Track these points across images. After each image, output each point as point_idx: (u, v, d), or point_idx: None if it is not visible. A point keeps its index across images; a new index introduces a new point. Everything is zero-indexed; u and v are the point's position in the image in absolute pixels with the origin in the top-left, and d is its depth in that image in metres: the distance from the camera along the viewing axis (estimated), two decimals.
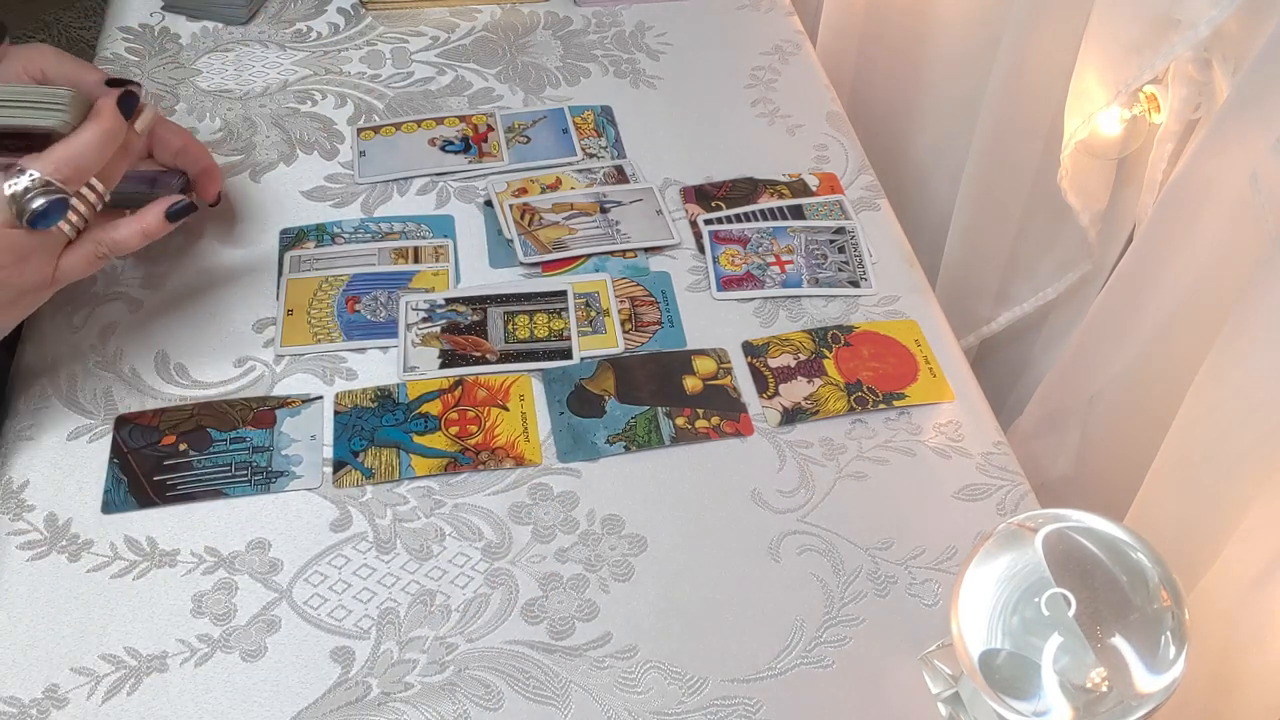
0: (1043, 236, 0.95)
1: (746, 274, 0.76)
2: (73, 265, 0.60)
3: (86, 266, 0.60)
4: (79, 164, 0.57)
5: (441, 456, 0.65)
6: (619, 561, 0.62)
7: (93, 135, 0.57)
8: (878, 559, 0.63)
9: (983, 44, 0.94)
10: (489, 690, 0.57)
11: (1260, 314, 0.58)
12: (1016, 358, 1.05)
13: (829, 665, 0.59)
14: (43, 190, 0.55)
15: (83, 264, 0.60)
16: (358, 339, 0.70)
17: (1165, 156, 0.76)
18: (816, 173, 0.83)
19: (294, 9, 0.93)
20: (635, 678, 0.58)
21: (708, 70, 0.91)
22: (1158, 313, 0.76)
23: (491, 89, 0.88)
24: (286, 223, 0.77)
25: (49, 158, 0.56)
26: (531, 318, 0.72)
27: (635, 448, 0.66)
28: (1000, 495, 0.66)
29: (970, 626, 0.50)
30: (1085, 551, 0.50)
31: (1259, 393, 0.59)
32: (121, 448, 0.64)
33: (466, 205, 0.79)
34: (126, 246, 0.61)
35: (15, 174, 0.55)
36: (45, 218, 0.56)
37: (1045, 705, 0.48)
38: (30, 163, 0.56)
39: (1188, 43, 0.68)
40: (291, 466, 0.64)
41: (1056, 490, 0.92)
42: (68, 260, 0.59)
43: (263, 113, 0.84)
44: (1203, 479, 0.64)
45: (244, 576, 0.60)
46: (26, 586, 0.59)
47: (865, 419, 0.69)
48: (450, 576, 0.61)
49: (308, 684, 0.56)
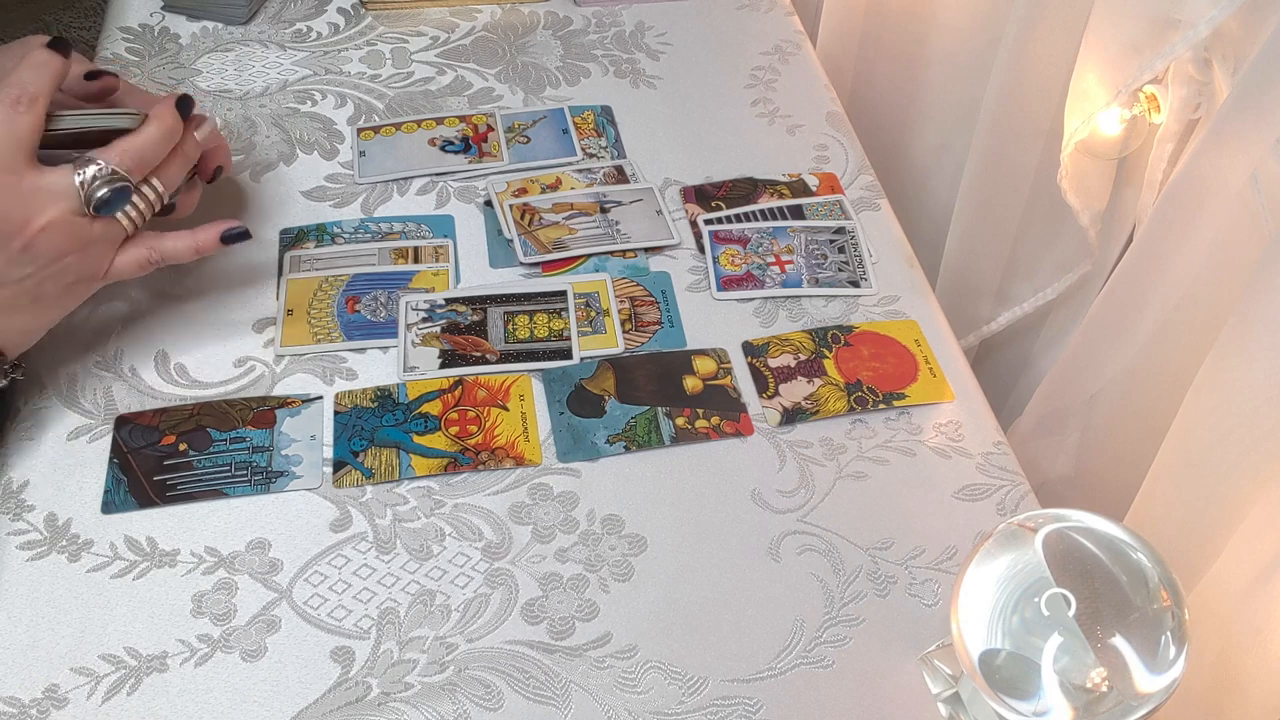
0: (1043, 236, 0.95)
1: (746, 274, 0.76)
2: (125, 263, 0.63)
3: (137, 268, 0.63)
4: (141, 156, 0.60)
5: (441, 456, 0.65)
6: (619, 561, 0.62)
7: (154, 130, 0.61)
8: (878, 559, 0.63)
9: (983, 44, 0.94)
10: (489, 690, 0.57)
11: (1260, 314, 0.58)
12: (1016, 358, 1.05)
13: (829, 665, 0.59)
14: (109, 179, 0.59)
15: (134, 264, 0.63)
16: (358, 339, 0.70)
17: (1165, 156, 0.76)
18: (816, 173, 0.83)
19: (294, 9, 0.93)
20: (635, 678, 0.58)
21: (708, 70, 0.91)
22: (1158, 313, 0.76)
23: (491, 89, 0.88)
24: (286, 223, 0.77)
25: (114, 149, 0.60)
26: (531, 318, 0.72)
27: (635, 448, 0.66)
28: (1000, 495, 0.66)
29: (970, 626, 0.50)
30: (1085, 551, 0.50)
31: (1259, 393, 0.59)
32: (121, 448, 0.64)
33: (466, 205, 0.79)
34: (177, 256, 0.65)
35: (84, 164, 0.59)
36: (109, 204, 0.59)
37: (1045, 705, 0.48)
38: (98, 154, 0.59)
39: (1188, 43, 0.68)
40: (291, 466, 0.64)
41: (1056, 490, 0.92)
42: (121, 257, 0.63)
43: (263, 113, 0.84)
44: (1203, 479, 0.64)
45: (244, 576, 0.60)
46: (26, 586, 0.59)
47: (865, 419, 0.69)
48: (450, 576, 0.61)
49: (308, 684, 0.56)
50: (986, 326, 1.03)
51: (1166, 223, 0.71)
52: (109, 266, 0.62)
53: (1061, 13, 0.79)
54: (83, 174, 0.59)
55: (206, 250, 0.65)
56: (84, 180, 0.58)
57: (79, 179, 0.58)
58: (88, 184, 0.59)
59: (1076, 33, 0.77)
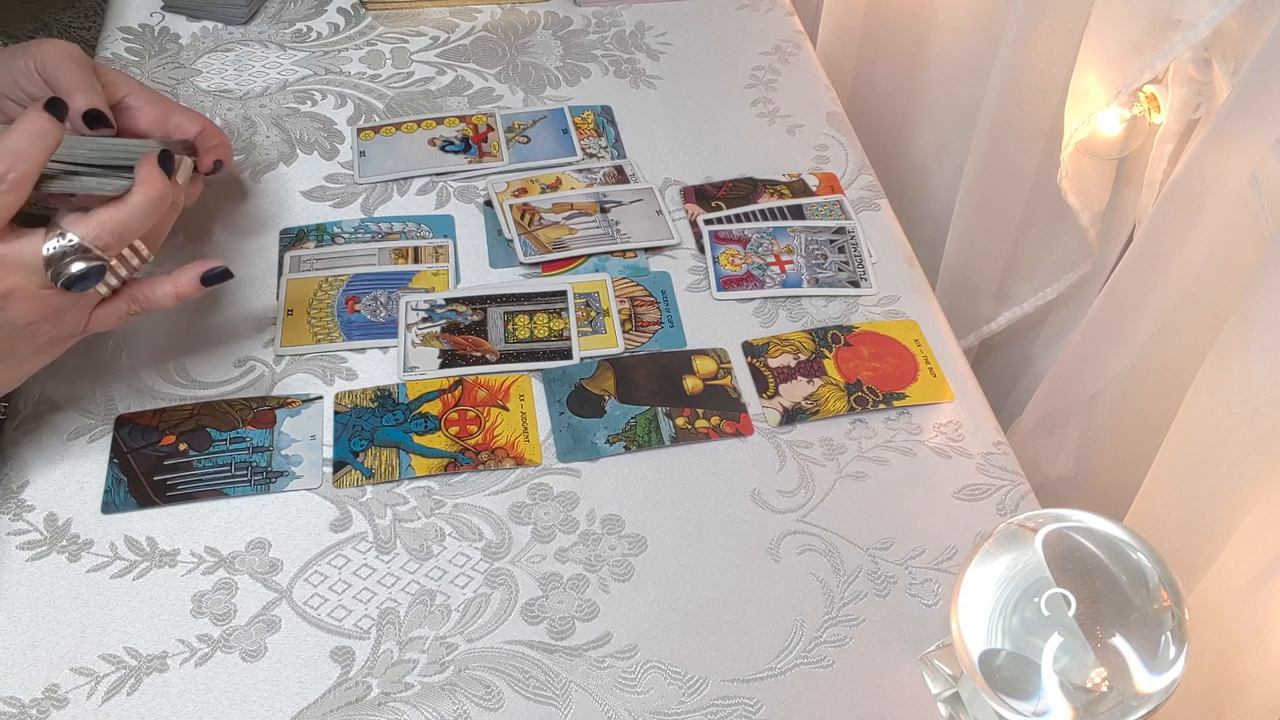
0: (1043, 236, 0.95)
1: (746, 274, 0.76)
2: (104, 318, 0.60)
3: (117, 321, 0.60)
4: (122, 231, 0.56)
5: (441, 456, 0.65)
6: (619, 561, 0.62)
7: (139, 201, 0.56)
8: (878, 559, 0.63)
9: (983, 44, 0.94)
10: (489, 690, 0.57)
11: (1260, 314, 0.58)
12: (1016, 358, 1.05)
13: (829, 665, 0.59)
14: (81, 256, 0.55)
15: (113, 318, 0.60)
16: (358, 339, 0.70)
17: (1165, 156, 0.76)
18: (816, 173, 0.83)
19: (294, 9, 0.93)
20: (635, 678, 0.58)
21: (708, 70, 0.91)
22: (1158, 313, 0.76)
23: (491, 89, 0.88)
24: (286, 223, 0.77)
25: (91, 221, 0.55)
26: (531, 318, 0.72)
27: (635, 448, 0.66)
28: (1000, 495, 0.66)
29: (970, 626, 0.50)
30: (1085, 551, 0.50)
31: (1259, 393, 0.59)
32: (121, 448, 0.64)
33: (466, 205, 0.79)
34: (158, 305, 0.61)
35: (55, 234, 0.54)
36: (83, 281, 0.55)
37: (1045, 705, 0.48)
38: (72, 225, 0.55)
39: (1188, 43, 0.68)
40: (291, 466, 0.64)
41: (1056, 490, 0.92)
42: (100, 314, 0.59)
43: (263, 113, 0.84)
44: (1203, 479, 0.64)
45: (244, 576, 0.60)
46: (26, 586, 0.59)
47: (865, 419, 0.69)
48: (450, 576, 0.61)
49: (308, 684, 0.56)
50: (986, 326, 1.03)
51: (1166, 223, 0.71)
52: (86, 324, 0.59)
53: (1061, 13, 0.80)
54: (52, 247, 0.54)
55: (187, 295, 0.61)
56: (52, 254, 0.54)
57: (47, 251, 0.54)
58: (55, 260, 0.54)
59: (1076, 33, 0.77)
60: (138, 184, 0.57)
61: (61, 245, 0.54)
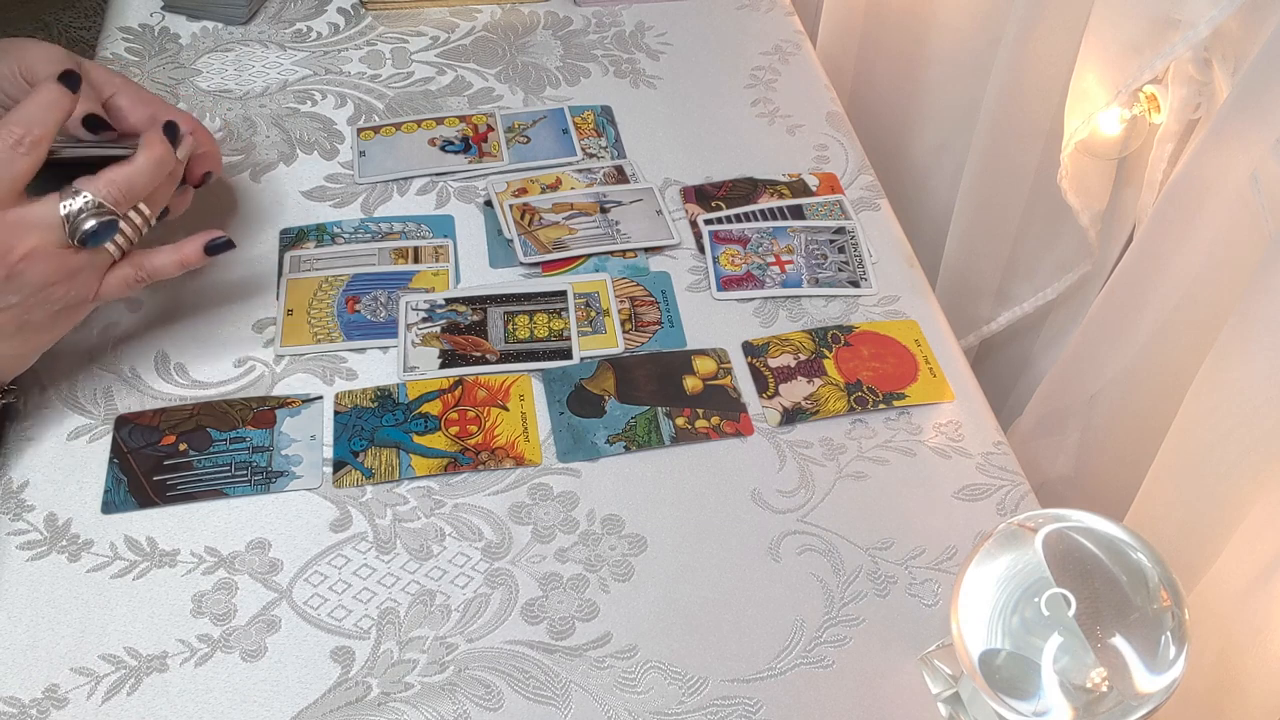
0: (1043, 236, 0.95)
1: (746, 274, 0.76)
2: (114, 285, 0.62)
3: (125, 288, 0.62)
4: (129, 187, 0.59)
5: (441, 456, 0.65)
6: (619, 561, 0.62)
7: (144, 161, 0.60)
8: (878, 559, 0.63)
9: (983, 44, 0.94)
10: (489, 690, 0.57)
11: (1260, 314, 0.58)
12: (1016, 358, 1.05)
13: (829, 665, 0.59)
14: (95, 212, 0.58)
15: (122, 285, 0.62)
16: (358, 339, 0.70)
17: (1165, 156, 0.76)
18: (816, 173, 0.83)
19: (294, 9, 0.93)
20: (635, 678, 0.58)
21: (708, 70, 0.91)
22: (1158, 313, 0.76)
23: (491, 89, 0.88)
24: (286, 223, 0.77)
25: (101, 179, 0.59)
26: (531, 318, 0.72)
27: (635, 448, 0.66)
28: (1000, 495, 0.66)
29: (970, 626, 0.50)
30: (1085, 551, 0.50)
31: (1259, 393, 0.59)
32: (121, 448, 0.64)
33: (466, 205, 0.79)
34: (164, 273, 0.64)
35: (70, 195, 0.58)
36: (96, 237, 0.58)
37: (1045, 705, 0.48)
38: (84, 184, 0.58)
39: (1188, 43, 0.68)
40: (291, 466, 0.64)
41: (1056, 490, 0.92)
42: (110, 280, 0.62)
43: (263, 113, 0.84)
44: (1203, 479, 0.64)
45: (244, 576, 0.60)
46: (26, 586, 0.59)
47: (865, 419, 0.69)
48: (450, 576, 0.61)
49: (308, 684, 0.56)
50: (986, 326, 1.03)
51: (1166, 223, 0.71)
52: (97, 290, 0.61)
53: (1061, 13, 0.80)
54: (68, 206, 0.58)
55: (191, 263, 0.64)
56: (69, 213, 0.57)
57: (64, 210, 0.57)
58: (73, 216, 0.58)
59: (1076, 33, 0.77)
60: (142, 147, 0.61)
61: (77, 203, 0.58)
